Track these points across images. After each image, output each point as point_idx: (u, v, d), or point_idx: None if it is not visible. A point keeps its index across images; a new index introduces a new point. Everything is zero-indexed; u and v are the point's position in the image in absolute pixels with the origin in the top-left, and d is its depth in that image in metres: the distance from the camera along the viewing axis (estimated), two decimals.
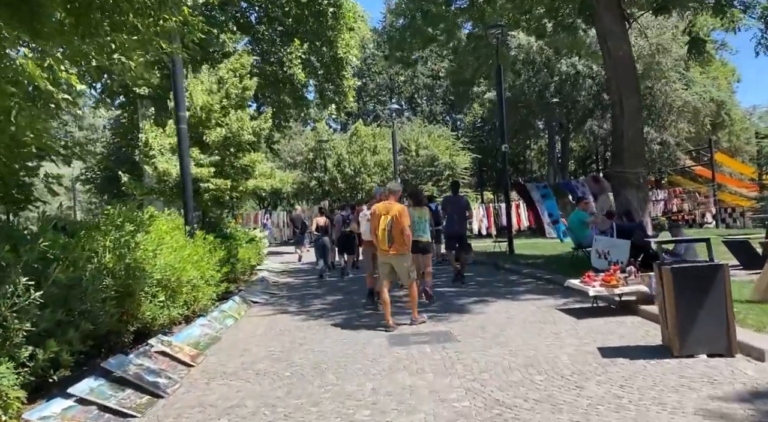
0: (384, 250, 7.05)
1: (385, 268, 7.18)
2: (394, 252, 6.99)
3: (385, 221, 6.97)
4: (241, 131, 13.99)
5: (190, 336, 6.38)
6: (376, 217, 7.11)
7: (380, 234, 6.99)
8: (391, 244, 6.97)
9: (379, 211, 7.11)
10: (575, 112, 25.85)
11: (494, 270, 13.09)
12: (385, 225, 6.95)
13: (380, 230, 6.99)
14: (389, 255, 7.04)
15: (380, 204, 7.29)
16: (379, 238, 7.03)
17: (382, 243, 7.02)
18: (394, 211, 7.01)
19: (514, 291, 9.44)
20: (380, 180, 29.89)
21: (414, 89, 57.88)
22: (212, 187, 13.83)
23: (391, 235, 6.94)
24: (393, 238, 6.94)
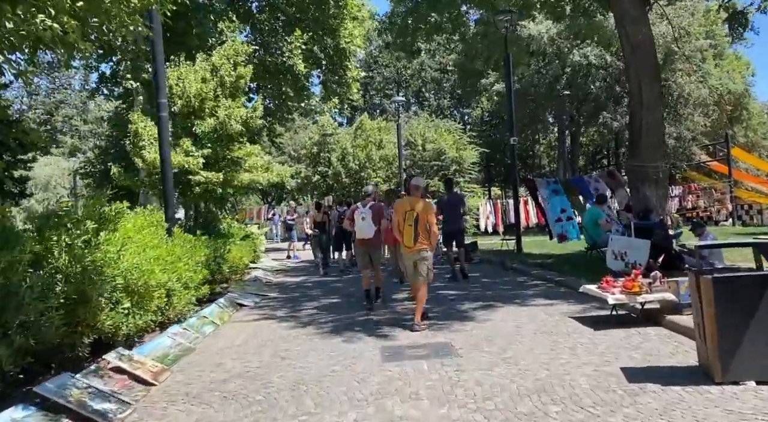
0: (408, 247, 6.80)
1: (410, 267, 6.95)
2: (418, 248, 6.77)
3: (411, 217, 6.72)
4: (229, 120, 13.25)
5: (157, 348, 5.67)
6: (399, 213, 6.85)
7: (405, 231, 6.76)
8: (416, 241, 6.73)
9: (403, 206, 6.87)
10: (587, 104, 24.94)
11: (501, 270, 12.32)
12: (411, 222, 6.71)
13: (405, 226, 6.75)
14: (413, 251, 6.79)
15: (403, 199, 7.09)
16: (403, 235, 6.79)
17: (407, 239, 6.77)
18: (419, 206, 6.78)
19: (522, 295, 8.67)
20: (385, 175, 29.13)
21: (421, 83, 57.00)
22: (203, 180, 13.12)
23: (417, 232, 6.71)
24: (418, 235, 6.72)
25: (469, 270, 12.11)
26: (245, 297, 9.44)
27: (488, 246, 17.37)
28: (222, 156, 13.97)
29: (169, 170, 8.44)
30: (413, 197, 6.97)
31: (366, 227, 8.37)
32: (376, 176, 28.08)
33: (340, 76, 22.81)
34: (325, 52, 22.55)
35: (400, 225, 6.87)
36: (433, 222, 6.87)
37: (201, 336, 6.63)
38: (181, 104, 13.63)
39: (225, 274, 10.43)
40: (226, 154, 13.97)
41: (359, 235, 8.47)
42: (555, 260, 12.38)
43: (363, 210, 8.59)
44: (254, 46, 21.10)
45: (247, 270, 13.77)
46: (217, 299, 8.70)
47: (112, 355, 4.93)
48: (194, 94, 13.55)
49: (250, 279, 12.05)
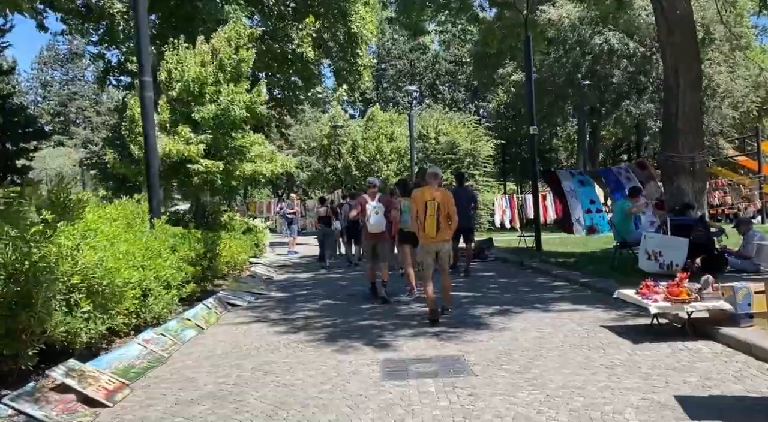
0: (432, 238, 6.62)
1: (430, 257, 6.76)
2: (440, 239, 6.66)
3: (433, 207, 6.55)
4: (231, 106, 12.44)
5: (121, 358, 4.86)
6: (419, 203, 6.63)
7: (428, 221, 6.57)
8: (438, 231, 6.60)
9: (422, 196, 6.64)
10: (608, 94, 23.80)
11: (519, 269, 11.40)
12: (433, 212, 6.55)
13: (427, 217, 6.57)
14: (436, 242, 6.66)
15: (423, 189, 6.81)
16: (426, 225, 6.59)
17: (430, 230, 6.59)
18: (440, 196, 6.64)
19: (544, 299, 7.76)
20: (397, 168, 28.24)
21: (435, 75, 55.94)
22: (202, 169, 12.34)
23: (439, 222, 6.57)
24: (440, 225, 6.59)
25: (484, 269, 11.25)
26: (239, 296, 8.63)
27: (504, 242, 16.43)
28: (224, 144, 13.19)
29: (154, 157, 7.64)
30: (431, 187, 6.73)
31: (380, 221, 8.22)
32: (387, 169, 27.22)
33: (351, 64, 21.90)
34: (335, 38, 21.68)
35: (419, 215, 6.64)
36: (454, 211, 6.70)
37: (178, 343, 5.82)
38: (180, 88, 12.85)
39: (219, 271, 9.64)
40: (228, 142, 13.19)
41: (372, 229, 8.27)
42: (578, 259, 11.44)
43: (374, 203, 8.31)
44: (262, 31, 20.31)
45: (247, 266, 13.00)
46: (206, 299, 7.91)
47: (59, 370, 4.12)
48: (193, 78, 12.76)
49: (248, 276, 11.26)
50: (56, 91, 71.77)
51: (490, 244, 13.54)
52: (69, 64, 72.49)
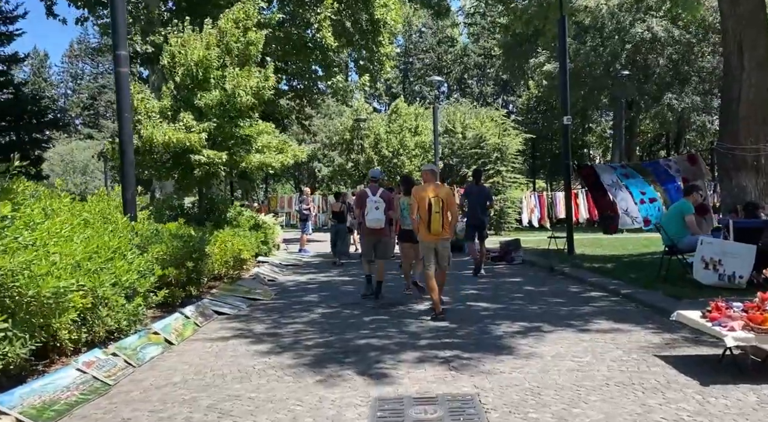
0: (436, 234, 6.59)
1: (431, 253, 6.68)
2: (443, 236, 6.67)
3: (438, 204, 6.52)
4: (237, 91, 11.46)
5: (43, 391, 3.87)
6: (423, 199, 6.57)
7: (434, 218, 6.52)
8: (443, 228, 6.60)
9: (426, 193, 6.60)
10: (649, 85, 22.19)
11: (549, 275, 10.16)
12: (439, 208, 6.52)
13: (434, 213, 6.52)
14: (439, 239, 6.65)
15: (425, 186, 6.78)
16: (432, 222, 6.53)
17: (436, 226, 6.55)
18: (443, 192, 6.70)
19: (580, 314, 6.56)
20: (420, 163, 27.05)
21: (463, 69, 54.49)
22: (205, 160, 11.40)
23: (443, 218, 6.57)
24: (444, 222, 6.58)
25: (510, 274, 10.06)
26: (229, 302, 7.62)
27: (533, 243, 15.15)
28: (230, 133, 12.24)
29: (128, 141, 6.65)
30: (432, 183, 6.75)
31: (379, 216, 7.96)
32: (410, 164, 26.07)
33: (373, 52, 20.77)
34: (356, 26, 20.59)
35: (423, 211, 6.57)
36: (456, 209, 6.95)
37: (133, 366, 4.81)
38: (182, 73, 11.94)
39: (210, 272, 8.65)
40: (234, 131, 12.23)
41: (371, 225, 8.02)
42: (616, 264, 10.16)
43: (374, 198, 8.07)
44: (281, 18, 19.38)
45: (255, 264, 12.05)
46: (190, 305, 6.94)
47: None
48: (196, 62, 11.82)
49: (251, 276, 10.27)
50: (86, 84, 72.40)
51: (517, 246, 12.31)
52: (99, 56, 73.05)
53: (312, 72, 22.70)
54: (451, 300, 7.67)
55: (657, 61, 21.53)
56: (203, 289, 8.47)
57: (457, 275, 10.29)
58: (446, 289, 8.44)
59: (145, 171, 12.04)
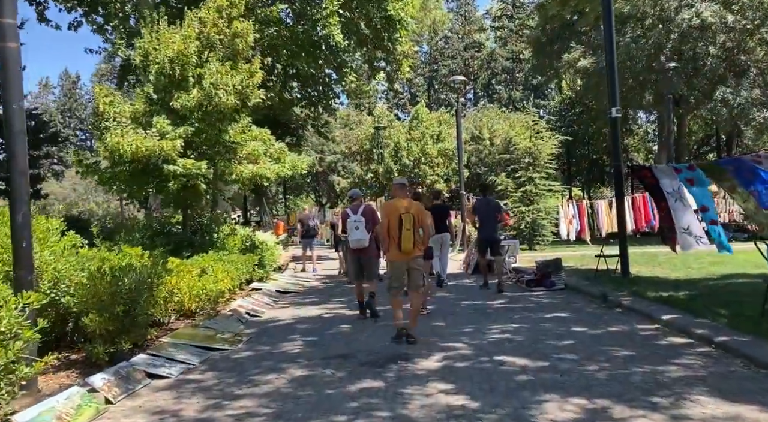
0: (407, 252, 6.17)
1: (402, 276, 6.29)
2: (415, 255, 6.22)
3: (409, 220, 6.13)
4: (215, 90, 9.67)
5: None
6: (393, 216, 6.19)
7: (404, 236, 6.11)
8: (415, 246, 6.18)
9: (396, 209, 6.23)
10: (699, 79, 19.74)
11: (603, 308, 7.97)
12: (410, 225, 6.12)
13: (404, 231, 6.12)
14: (410, 258, 6.21)
15: (394, 201, 6.49)
16: (402, 239, 6.12)
17: (406, 244, 6.12)
18: (414, 208, 6.27)
19: (665, 381, 4.42)
20: (444, 173, 25.04)
21: (491, 74, 52.30)
22: (181, 171, 9.63)
23: (415, 236, 6.15)
24: (416, 239, 6.17)
25: (551, 306, 7.92)
26: (174, 358, 5.70)
27: (574, 261, 12.96)
28: (213, 140, 10.47)
29: (18, 142, 4.82)
30: (403, 198, 6.44)
31: (360, 236, 7.68)
32: (432, 173, 24.04)
33: (389, 52, 18.90)
34: (370, 24, 18.77)
35: (392, 229, 6.20)
36: (428, 225, 6.63)
37: None
38: (156, 71, 10.23)
39: (172, 311, 6.75)
40: (218, 137, 10.46)
41: (353, 245, 7.83)
42: (692, 293, 7.91)
43: (355, 217, 7.79)
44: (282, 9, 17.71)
45: (244, 293, 10.19)
46: (125, 362, 5.08)
47: None
48: (171, 59, 10.11)
49: (229, 311, 8.37)
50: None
51: (558, 267, 10.15)
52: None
53: (326, 76, 20.99)
54: (474, 353, 5.61)
55: (707, 52, 19.09)
56: (158, 334, 6.61)
57: (480, 309, 8.20)
58: (467, 331, 6.46)
59: (113, 186, 10.30)
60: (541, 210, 18.83)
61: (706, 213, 8.11)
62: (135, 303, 5.70)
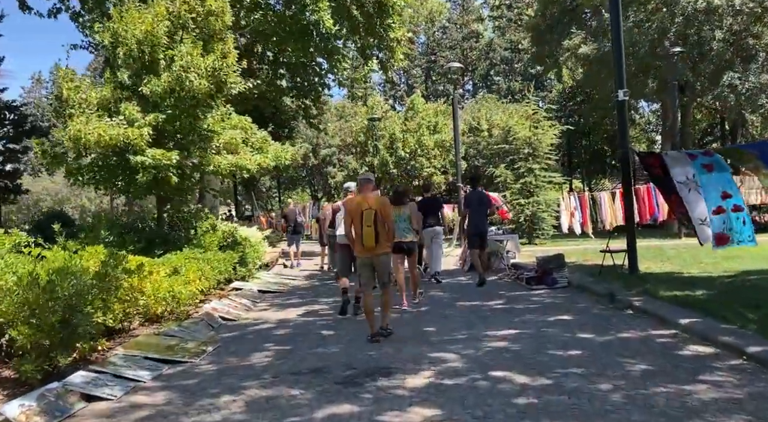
0: (369, 249, 5.97)
1: (367, 270, 6.15)
2: (379, 251, 6.02)
3: (370, 216, 5.90)
4: (186, 73, 8.89)
5: None
6: (354, 213, 6.00)
7: (365, 232, 5.92)
8: (377, 242, 5.94)
9: (358, 205, 6.02)
10: (705, 65, 18.93)
11: (610, 309, 7.22)
12: (370, 222, 5.90)
13: (365, 227, 5.92)
14: (373, 255, 6.02)
15: (356, 197, 6.52)
16: (363, 236, 5.94)
17: (368, 240, 5.92)
18: (376, 204, 6.00)
19: (694, 405, 3.68)
20: (441, 164, 24.25)
21: (489, 64, 51.36)
22: (150, 162, 8.86)
23: (377, 232, 5.92)
24: (379, 235, 5.93)
25: (553, 307, 7.15)
26: (121, 375, 4.95)
27: (577, 256, 12.23)
28: (187, 128, 9.70)
29: None
30: (366, 194, 6.16)
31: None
32: (430, 165, 23.26)
33: (381, 38, 18.08)
34: (361, 9, 17.94)
35: (356, 226, 5.98)
36: (392, 220, 6.25)
37: None
38: (124, 53, 9.44)
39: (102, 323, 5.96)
40: (194, 124, 9.69)
41: (341, 240, 7.67)
42: (710, 292, 7.16)
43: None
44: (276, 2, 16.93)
45: (222, 294, 9.45)
46: (56, 382, 4.33)
47: None
48: (140, 40, 9.34)
49: (200, 315, 7.62)
50: None
51: (560, 264, 9.41)
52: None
53: (317, 65, 20.18)
54: (467, 366, 4.87)
55: (713, 36, 18.27)
56: (111, 345, 5.87)
57: (476, 311, 7.45)
58: (460, 338, 5.72)
59: (79, 178, 9.52)
60: (541, 202, 18.06)
61: (728, 200, 7.35)
62: (75, 312, 4.95)
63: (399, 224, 7.80)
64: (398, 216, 7.77)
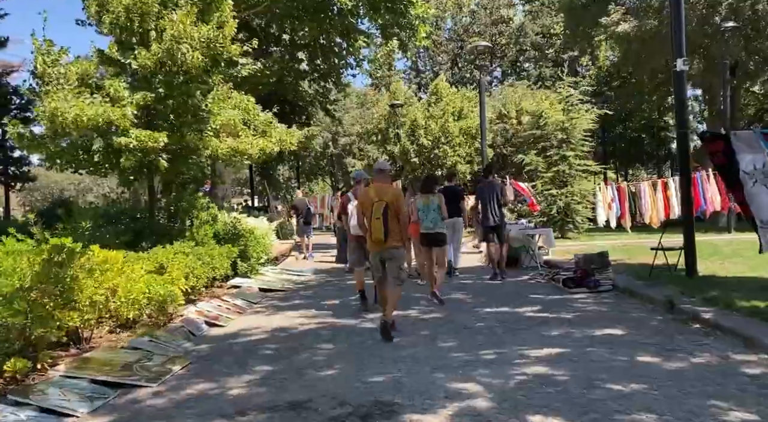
0: (378, 242, 5.67)
1: (376, 263, 5.87)
2: (388, 245, 5.67)
3: (379, 209, 5.61)
4: (177, 45, 7.79)
5: None
6: (366, 204, 5.78)
7: (373, 225, 5.64)
8: (387, 237, 5.59)
9: (370, 196, 5.80)
10: (759, 42, 17.18)
11: (669, 320, 5.91)
12: (379, 214, 5.58)
13: (374, 219, 5.63)
14: (383, 249, 5.71)
15: (370, 188, 6.09)
16: (372, 229, 5.67)
17: (376, 234, 5.63)
18: (389, 195, 5.73)
19: None
20: (466, 152, 22.89)
21: (519, 50, 49.46)
22: (134, 144, 7.79)
23: (387, 225, 5.58)
24: (389, 229, 5.59)
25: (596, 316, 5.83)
26: (48, 408, 3.87)
27: (619, 254, 10.86)
28: (183, 107, 8.63)
29: None
30: (380, 184, 5.91)
31: None
32: (454, 154, 21.93)
33: (402, 15, 16.78)
34: None
35: (367, 217, 5.75)
36: (405, 212, 5.87)
37: None
38: (110, 22, 8.40)
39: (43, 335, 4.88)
40: (189, 102, 8.61)
41: (354, 231, 7.51)
42: None
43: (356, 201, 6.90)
44: None
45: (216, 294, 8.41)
46: None
47: None
48: (127, 6, 8.27)
49: (181, 321, 6.54)
50: None
51: (604, 263, 8.09)
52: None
53: (335, 45, 18.99)
54: (495, 405, 3.66)
55: None
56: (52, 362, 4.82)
57: (505, 320, 6.19)
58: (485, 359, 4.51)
59: (58, 161, 8.52)
60: (576, 193, 16.63)
61: None
62: None
63: (428, 214, 7.53)
64: (427, 206, 7.55)
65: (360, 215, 5.94)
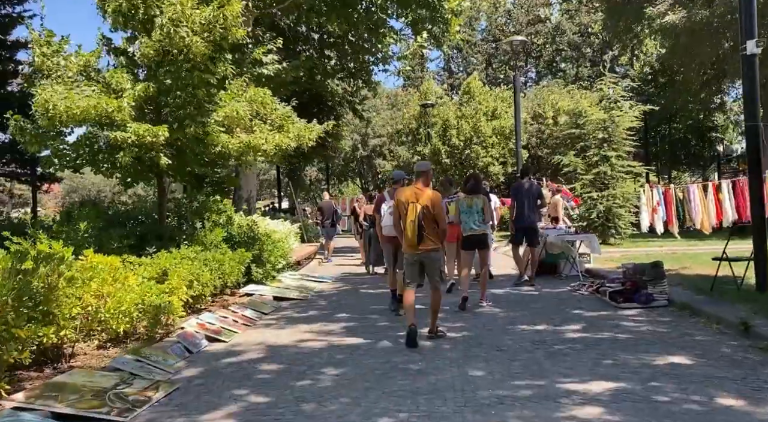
0: (411, 245, 5.56)
1: (414, 269, 5.68)
2: (424, 248, 5.55)
3: (414, 211, 5.49)
4: (175, 29, 7.14)
5: None
6: (402, 206, 5.63)
7: (409, 228, 5.51)
8: (420, 240, 5.49)
9: (405, 198, 5.64)
10: None
11: (746, 346, 4.92)
12: (414, 217, 5.47)
13: (408, 222, 5.51)
14: (419, 252, 5.57)
15: (406, 190, 5.88)
16: (407, 232, 5.54)
17: (411, 236, 5.51)
18: (424, 198, 5.56)
19: None
20: (499, 153, 21.87)
21: (555, 51, 47.99)
22: (133, 139, 7.16)
23: (422, 229, 5.47)
24: (423, 232, 5.50)
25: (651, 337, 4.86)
26: None
27: (670, 262, 9.76)
28: (189, 99, 7.99)
29: None
30: (417, 186, 5.70)
31: None
32: (486, 155, 20.94)
33: (434, 10, 15.95)
34: None
35: (403, 220, 5.58)
36: (443, 217, 5.72)
37: None
38: (113, 10, 7.82)
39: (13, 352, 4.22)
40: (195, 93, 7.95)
41: (387, 232, 7.20)
42: None
43: (391, 202, 6.69)
44: None
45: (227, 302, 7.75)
46: None
47: None
48: None
49: (177, 337, 5.84)
50: None
51: (659, 274, 7.07)
52: None
53: (364, 41, 18.28)
54: None
55: None
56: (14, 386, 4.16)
57: (544, 341, 5.28)
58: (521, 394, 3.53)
59: (55, 160, 7.97)
60: (618, 196, 15.48)
61: None
62: None
63: (471, 216, 7.39)
64: (470, 208, 7.40)
65: (396, 216, 5.80)
